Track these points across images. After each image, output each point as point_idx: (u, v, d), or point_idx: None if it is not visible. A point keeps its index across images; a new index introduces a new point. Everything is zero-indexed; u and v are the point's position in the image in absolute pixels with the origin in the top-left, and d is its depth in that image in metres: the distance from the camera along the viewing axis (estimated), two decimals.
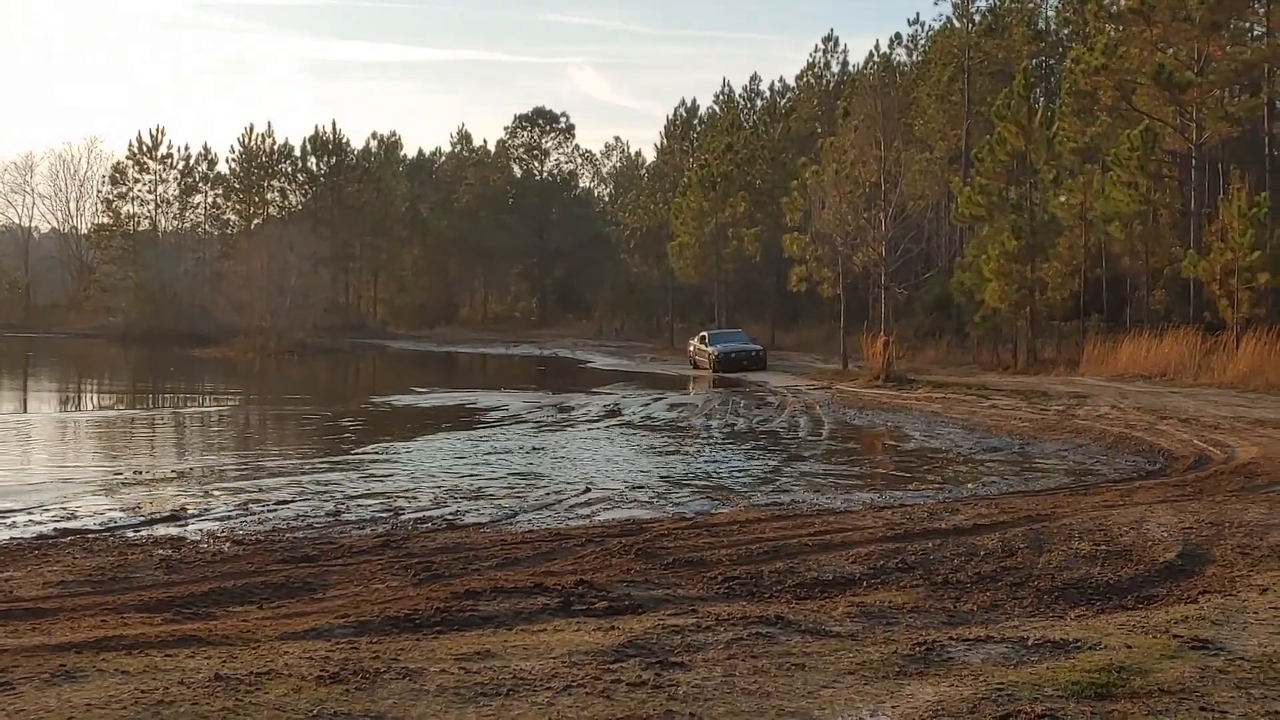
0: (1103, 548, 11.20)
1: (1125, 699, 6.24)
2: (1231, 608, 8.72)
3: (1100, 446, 21.77)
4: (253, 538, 12.36)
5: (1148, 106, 45.65)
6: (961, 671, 6.89)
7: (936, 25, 70.52)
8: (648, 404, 32.96)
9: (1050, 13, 66.18)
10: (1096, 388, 34.62)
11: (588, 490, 16.44)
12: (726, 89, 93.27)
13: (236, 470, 18.83)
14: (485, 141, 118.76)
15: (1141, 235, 44.51)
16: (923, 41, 75.56)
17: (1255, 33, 48.09)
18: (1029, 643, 7.60)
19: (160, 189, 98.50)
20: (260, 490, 16.33)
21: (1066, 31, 64.31)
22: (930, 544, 11.50)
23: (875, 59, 77.84)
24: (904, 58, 77.66)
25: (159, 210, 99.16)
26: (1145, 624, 8.15)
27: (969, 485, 17.12)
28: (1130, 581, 10.04)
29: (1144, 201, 43.71)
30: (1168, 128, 46.17)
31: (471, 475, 18.13)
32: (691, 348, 55.03)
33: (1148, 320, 43.65)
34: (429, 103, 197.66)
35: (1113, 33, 47.97)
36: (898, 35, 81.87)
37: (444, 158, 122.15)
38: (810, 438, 24.63)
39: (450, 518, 13.92)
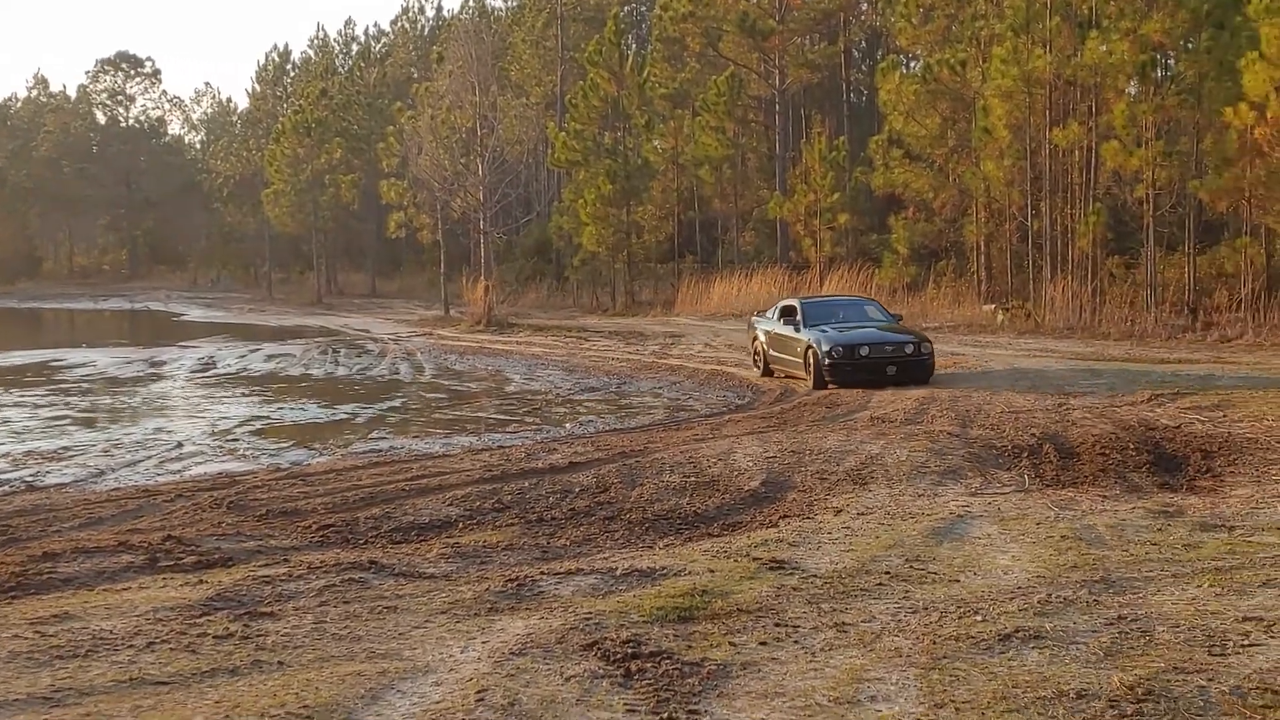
0: (692, 479, 11.59)
1: (706, 620, 6.50)
2: (808, 529, 9.18)
3: (693, 383, 22.49)
4: None
5: (734, 53, 47.36)
6: (552, 604, 7.03)
7: None
8: (244, 355, 32.10)
9: None
10: (691, 327, 35.81)
11: (179, 445, 15.89)
12: (321, 33, 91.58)
13: None
14: (65, 87, 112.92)
15: (731, 179, 46.23)
16: None
17: None
18: (618, 573, 7.81)
19: None
20: None
21: None
22: (527, 483, 11.64)
23: (470, 4, 77.75)
24: (499, 3, 77.92)
25: None
26: (728, 549, 8.50)
27: (567, 425, 17.39)
28: (717, 510, 10.44)
29: (732, 146, 45.39)
30: (753, 74, 48.05)
31: (54, 435, 17.24)
32: (759, 334, 23.61)
33: (739, 260, 45.38)
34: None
35: None
36: None
37: (20, 104, 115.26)
38: (411, 384, 24.53)
39: (30, 479, 13.23)
